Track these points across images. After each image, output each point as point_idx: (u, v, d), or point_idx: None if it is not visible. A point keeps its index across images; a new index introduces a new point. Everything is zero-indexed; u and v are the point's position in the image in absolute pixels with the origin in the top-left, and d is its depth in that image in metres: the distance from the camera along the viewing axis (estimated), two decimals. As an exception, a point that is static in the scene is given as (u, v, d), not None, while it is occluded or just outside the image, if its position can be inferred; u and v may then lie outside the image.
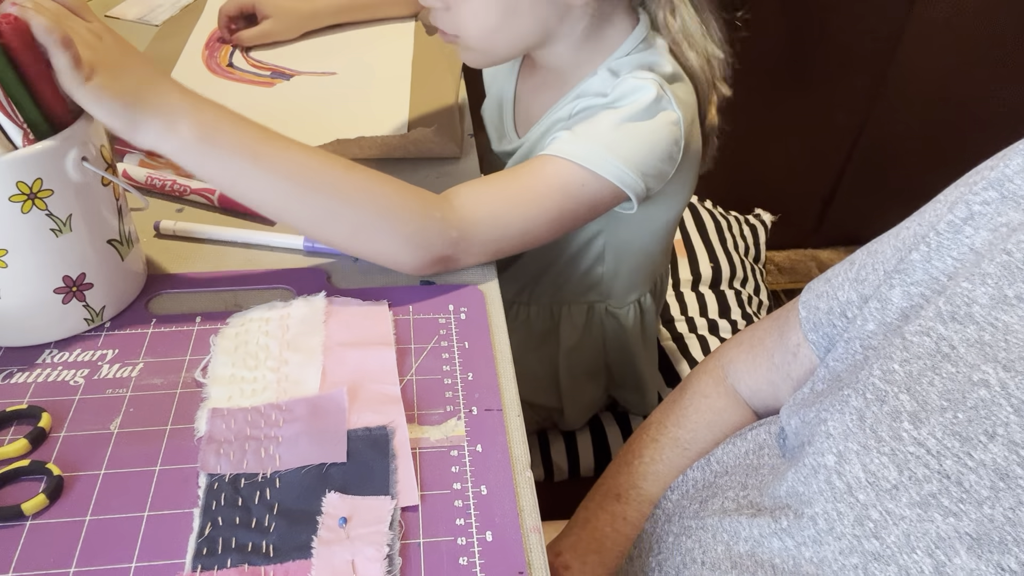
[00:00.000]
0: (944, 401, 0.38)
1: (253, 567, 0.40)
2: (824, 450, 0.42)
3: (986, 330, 0.38)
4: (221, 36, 0.91)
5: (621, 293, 0.79)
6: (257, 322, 0.54)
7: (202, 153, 0.50)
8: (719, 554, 0.47)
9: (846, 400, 0.42)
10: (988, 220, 0.41)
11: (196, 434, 0.47)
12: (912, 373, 0.40)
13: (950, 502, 0.36)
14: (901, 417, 0.39)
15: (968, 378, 0.38)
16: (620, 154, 0.61)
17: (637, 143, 0.62)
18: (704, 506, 0.52)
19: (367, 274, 0.60)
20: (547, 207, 0.60)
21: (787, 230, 1.52)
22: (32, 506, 0.43)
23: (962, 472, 0.36)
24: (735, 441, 0.55)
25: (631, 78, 0.63)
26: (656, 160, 0.63)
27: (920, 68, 1.60)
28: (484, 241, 0.59)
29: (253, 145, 0.52)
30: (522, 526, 0.44)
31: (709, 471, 0.55)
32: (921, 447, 0.38)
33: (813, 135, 1.70)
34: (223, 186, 0.54)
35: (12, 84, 0.46)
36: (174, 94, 0.50)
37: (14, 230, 0.47)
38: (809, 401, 0.48)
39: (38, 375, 0.50)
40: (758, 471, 0.51)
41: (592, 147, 0.61)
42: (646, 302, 0.82)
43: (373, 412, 0.48)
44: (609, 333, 0.82)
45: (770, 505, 0.46)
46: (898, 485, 0.38)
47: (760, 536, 0.45)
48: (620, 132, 0.62)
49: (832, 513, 0.40)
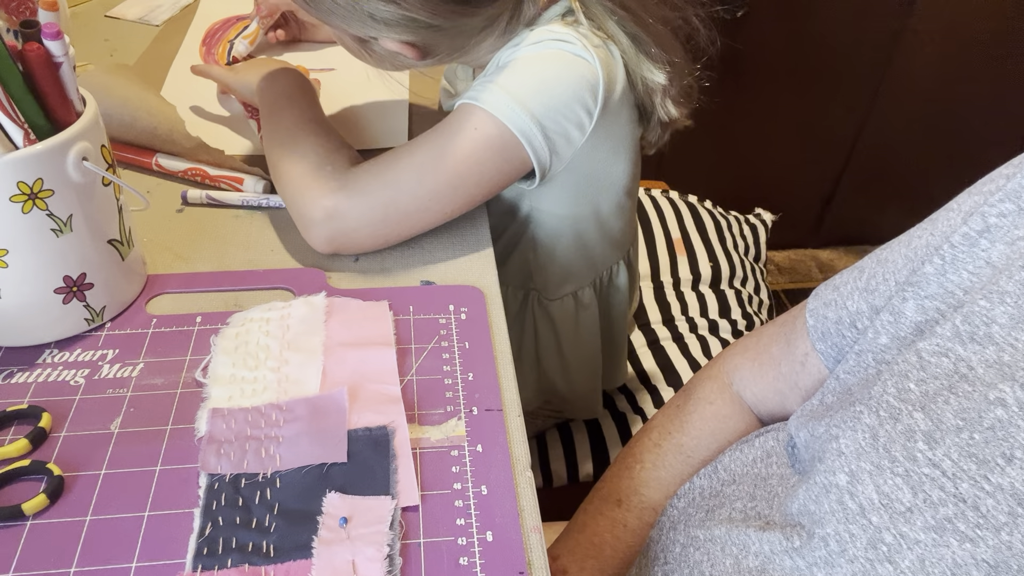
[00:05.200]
0: (959, 420, 0.37)
1: (254, 567, 0.40)
2: (836, 468, 0.41)
3: (1005, 351, 0.37)
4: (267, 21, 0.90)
5: (554, 284, 0.76)
6: (257, 322, 0.54)
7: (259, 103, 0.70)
8: (727, 568, 0.46)
9: (858, 417, 0.41)
10: (1005, 233, 0.40)
11: (196, 434, 0.47)
12: (928, 393, 0.39)
13: (966, 527, 0.35)
14: (915, 436, 0.38)
15: (984, 397, 0.37)
16: (520, 98, 0.58)
17: (539, 90, 0.59)
18: (711, 515, 0.51)
19: (367, 274, 0.60)
20: (434, 154, 0.59)
21: (787, 230, 1.52)
22: (32, 506, 0.43)
23: (979, 496, 0.35)
24: (742, 448, 0.54)
25: (543, 28, 0.61)
26: (559, 114, 0.60)
27: (920, 69, 1.60)
28: (360, 192, 0.59)
29: (273, 107, 0.68)
30: (522, 526, 0.44)
31: (716, 479, 0.54)
32: (936, 468, 0.37)
33: (813, 135, 1.70)
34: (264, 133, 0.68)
35: (16, 84, 0.46)
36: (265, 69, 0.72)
37: (15, 230, 0.47)
38: (819, 414, 0.47)
39: (38, 375, 0.50)
40: (767, 481, 0.50)
41: (493, 90, 0.59)
42: (583, 296, 0.78)
43: (373, 412, 0.48)
44: (539, 325, 0.79)
45: (780, 521, 0.45)
46: (912, 508, 0.37)
47: (771, 553, 0.44)
48: (522, 76, 0.59)
49: (844, 535, 0.39)
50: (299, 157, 0.62)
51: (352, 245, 0.61)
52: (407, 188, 0.59)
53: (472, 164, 0.59)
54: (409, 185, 0.59)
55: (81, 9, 0.99)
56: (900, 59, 1.57)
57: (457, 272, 0.61)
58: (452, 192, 0.60)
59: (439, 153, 0.59)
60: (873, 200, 1.83)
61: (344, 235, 0.59)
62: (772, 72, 1.56)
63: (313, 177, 0.60)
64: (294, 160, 0.62)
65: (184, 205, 0.66)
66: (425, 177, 0.59)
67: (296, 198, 0.61)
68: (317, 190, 0.59)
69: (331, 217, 0.59)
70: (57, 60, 0.48)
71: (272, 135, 0.65)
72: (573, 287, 0.77)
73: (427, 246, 0.63)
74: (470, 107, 0.59)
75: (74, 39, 0.49)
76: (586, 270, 0.77)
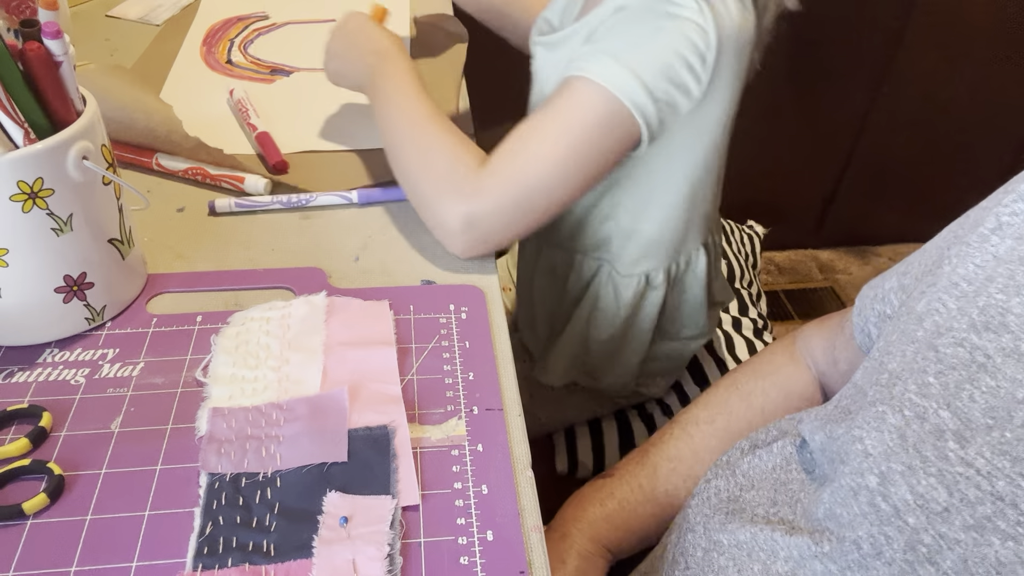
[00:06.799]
0: (989, 420, 0.37)
1: (254, 566, 0.40)
2: (864, 470, 0.40)
3: (1022, 340, 0.37)
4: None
5: (630, 260, 0.75)
6: (258, 321, 0.54)
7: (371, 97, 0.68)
8: (756, 573, 0.46)
9: (882, 417, 0.41)
10: (1015, 230, 0.41)
11: (197, 433, 0.47)
12: (948, 385, 0.39)
13: (1007, 525, 0.35)
14: (945, 436, 0.38)
15: (1012, 395, 0.36)
16: (633, 69, 0.57)
17: (650, 58, 0.58)
18: (731, 518, 0.50)
19: (368, 274, 0.60)
20: (560, 143, 0.58)
21: (787, 230, 1.52)
22: (33, 505, 0.43)
23: (1017, 493, 0.35)
24: (759, 454, 0.54)
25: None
26: (670, 83, 0.59)
27: (920, 69, 1.60)
28: (497, 196, 0.58)
29: (385, 96, 0.66)
30: (523, 525, 0.44)
31: (734, 483, 0.53)
32: (970, 467, 0.36)
33: (813, 136, 1.70)
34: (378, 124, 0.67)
35: (16, 84, 0.46)
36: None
37: (15, 229, 0.47)
38: (835, 417, 0.47)
39: (39, 374, 0.50)
40: (787, 486, 0.49)
41: (606, 62, 0.58)
42: (655, 279, 0.77)
43: (374, 411, 0.48)
44: (603, 297, 0.79)
45: (807, 527, 0.45)
46: (949, 507, 0.36)
47: (800, 558, 0.43)
48: (632, 42, 0.58)
49: (879, 537, 0.39)
50: (430, 163, 0.61)
51: (490, 247, 0.61)
52: (538, 184, 0.59)
53: (593, 145, 0.59)
54: (540, 180, 0.59)
55: (81, 8, 0.99)
56: (900, 59, 1.57)
57: (457, 272, 0.61)
58: (578, 176, 0.60)
59: (564, 141, 0.59)
60: (873, 200, 1.83)
61: (483, 241, 0.60)
62: (772, 72, 1.56)
63: (447, 183, 0.60)
64: (425, 166, 0.61)
65: (212, 215, 0.66)
66: (555, 169, 0.59)
67: (432, 207, 0.61)
68: (453, 198, 0.59)
69: (470, 226, 0.59)
70: (57, 59, 0.48)
71: (395, 136, 0.64)
72: (648, 267, 0.76)
73: (427, 245, 0.63)
74: (584, 82, 0.59)
75: (74, 38, 0.49)
76: (666, 251, 0.76)
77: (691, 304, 0.82)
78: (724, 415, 0.63)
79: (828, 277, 1.89)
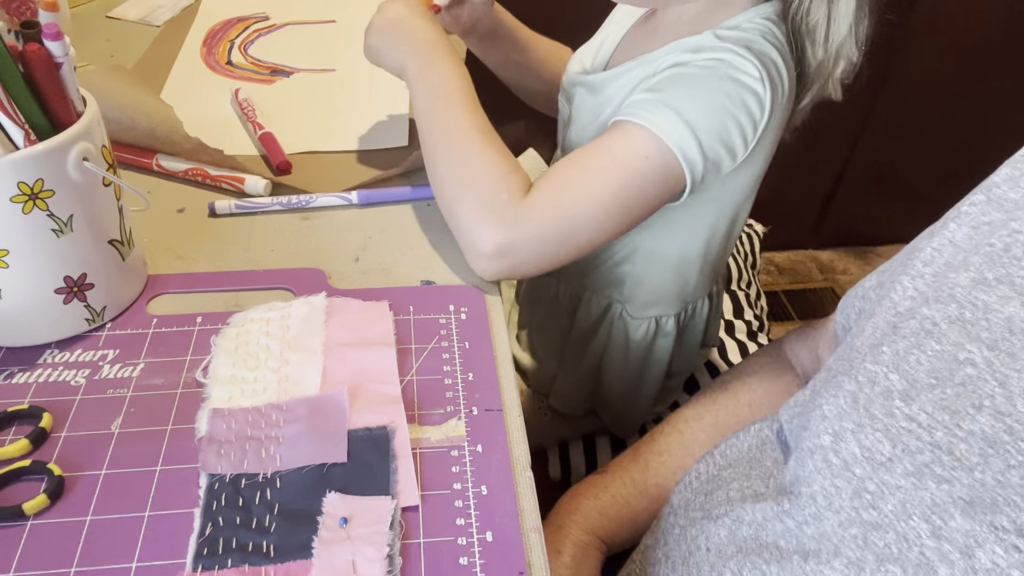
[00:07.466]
0: (932, 379, 0.39)
1: (254, 567, 0.41)
2: (820, 432, 0.43)
3: (967, 308, 0.40)
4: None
5: (641, 303, 0.76)
6: (258, 322, 0.54)
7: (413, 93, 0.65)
8: (723, 539, 0.48)
9: (840, 385, 0.44)
10: (972, 219, 0.44)
11: (197, 434, 0.47)
12: (899, 352, 0.41)
13: (943, 470, 0.37)
14: (892, 396, 0.41)
15: (954, 357, 0.39)
16: (691, 124, 0.57)
17: (708, 116, 0.58)
18: (710, 498, 0.53)
19: (367, 274, 0.60)
20: (610, 186, 0.57)
21: (787, 231, 1.52)
22: (33, 506, 0.43)
23: (952, 442, 0.37)
24: (739, 436, 0.57)
25: (729, 51, 0.58)
26: (721, 143, 0.59)
27: (920, 69, 1.60)
28: (537, 229, 0.57)
29: (431, 91, 0.63)
30: (522, 526, 0.44)
31: (713, 464, 0.56)
32: (913, 421, 0.39)
33: (813, 136, 1.70)
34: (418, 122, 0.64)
35: (16, 85, 0.46)
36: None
37: (15, 230, 0.47)
38: (805, 399, 0.50)
39: (39, 375, 0.50)
40: (761, 463, 0.52)
41: (665, 112, 0.57)
42: (665, 324, 0.77)
43: (374, 412, 0.48)
44: (614, 339, 0.79)
45: (773, 492, 0.48)
46: (892, 458, 0.39)
47: (763, 520, 0.46)
48: (692, 97, 0.58)
49: (830, 489, 0.42)
50: (473, 181, 0.59)
51: (516, 275, 0.60)
52: (580, 220, 0.58)
53: (639, 190, 0.59)
54: (583, 216, 0.58)
55: (82, 10, 0.99)
56: (900, 60, 1.57)
57: (457, 272, 0.61)
58: (619, 218, 0.59)
59: (613, 181, 0.58)
60: (873, 201, 1.83)
61: (512, 269, 0.59)
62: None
63: (489, 208, 0.57)
64: (467, 182, 0.59)
65: (212, 216, 0.65)
66: (599, 207, 0.58)
67: (468, 228, 0.58)
68: (491, 224, 0.57)
69: (503, 255, 0.57)
70: (58, 60, 0.48)
71: (439, 139, 0.61)
72: (658, 312, 0.77)
73: (427, 246, 0.63)
74: (641, 129, 0.58)
75: (75, 39, 0.49)
76: (676, 298, 0.76)
77: (688, 348, 0.83)
78: (712, 412, 0.66)
79: (828, 277, 1.89)
